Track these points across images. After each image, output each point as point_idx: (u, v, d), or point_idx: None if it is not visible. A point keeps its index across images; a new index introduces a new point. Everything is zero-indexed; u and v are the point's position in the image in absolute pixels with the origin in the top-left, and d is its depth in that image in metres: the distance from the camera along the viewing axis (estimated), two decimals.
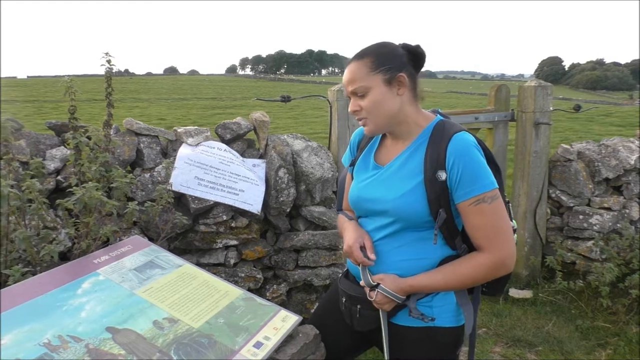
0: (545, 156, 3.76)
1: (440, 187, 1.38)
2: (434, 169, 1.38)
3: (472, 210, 1.36)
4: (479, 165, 1.35)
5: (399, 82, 1.43)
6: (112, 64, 2.04)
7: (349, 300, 1.58)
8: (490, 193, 1.35)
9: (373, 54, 1.43)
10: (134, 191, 2.47)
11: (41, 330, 1.25)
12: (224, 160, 2.65)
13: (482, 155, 1.39)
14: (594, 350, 2.96)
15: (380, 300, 1.47)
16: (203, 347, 1.31)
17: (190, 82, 56.49)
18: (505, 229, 1.38)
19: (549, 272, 3.76)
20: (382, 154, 1.57)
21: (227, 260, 2.72)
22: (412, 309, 1.46)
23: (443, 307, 1.48)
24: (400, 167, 1.47)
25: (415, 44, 1.47)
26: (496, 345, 3.04)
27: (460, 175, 1.35)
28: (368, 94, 1.42)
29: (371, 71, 1.41)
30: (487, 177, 1.35)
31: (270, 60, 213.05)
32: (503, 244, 1.37)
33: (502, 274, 1.41)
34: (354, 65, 1.44)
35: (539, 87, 3.64)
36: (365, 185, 1.55)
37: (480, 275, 1.40)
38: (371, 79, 1.41)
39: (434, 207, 1.39)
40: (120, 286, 1.50)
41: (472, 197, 1.35)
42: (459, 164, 1.35)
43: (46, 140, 2.48)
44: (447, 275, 1.41)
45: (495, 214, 1.36)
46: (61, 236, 2.09)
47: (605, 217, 3.62)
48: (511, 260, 1.39)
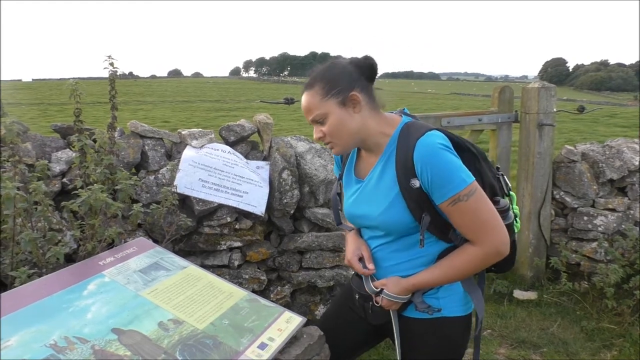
0: (549, 157, 3.75)
1: (417, 194, 1.39)
2: (407, 178, 1.39)
3: (451, 209, 1.38)
4: (447, 166, 1.35)
5: (353, 100, 1.43)
6: (115, 67, 2.05)
7: (361, 297, 1.63)
8: (465, 191, 1.34)
9: (322, 79, 1.44)
10: (139, 193, 2.48)
11: (48, 332, 1.26)
12: (228, 162, 2.66)
13: (450, 152, 1.38)
14: (599, 351, 2.95)
15: (386, 304, 1.52)
16: (208, 348, 1.32)
17: (194, 84, 56.62)
18: (490, 220, 1.38)
19: (553, 274, 3.75)
20: (361, 167, 1.61)
21: (231, 261, 2.73)
22: (417, 304, 1.51)
23: (449, 297, 1.52)
24: (377, 181, 1.50)
25: (362, 56, 1.48)
26: (501, 346, 3.04)
27: (430, 180, 1.36)
28: (327, 120, 1.44)
29: (323, 98, 1.42)
30: (457, 176, 1.35)
31: (274, 63, 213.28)
32: (489, 235, 1.38)
33: (498, 261, 1.42)
34: (307, 95, 1.45)
35: (542, 88, 3.63)
36: (352, 202, 1.59)
37: (477, 265, 1.42)
38: (325, 105, 1.42)
39: (416, 214, 1.41)
40: (125, 288, 1.51)
41: (447, 198, 1.36)
42: (427, 169, 1.35)
43: (52, 142, 2.50)
44: (444, 270, 1.44)
45: (474, 209, 1.36)
46: (66, 238, 2.10)
47: (610, 218, 3.61)
48: (504, 247, 1.39)
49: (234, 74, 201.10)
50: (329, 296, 2.96)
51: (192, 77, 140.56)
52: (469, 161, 1.43)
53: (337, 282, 2.90)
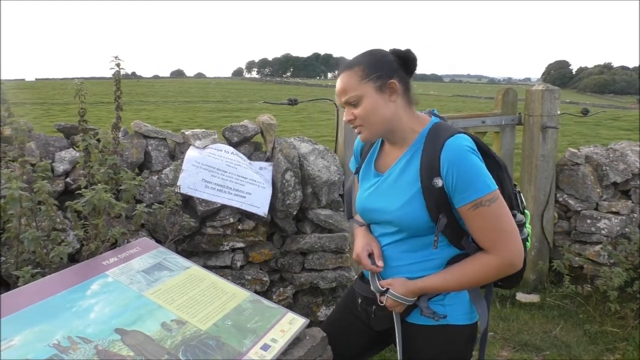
0: (552, 160, 3.75)
1: (438, 194, 1.38)
2: (430, 176, 1.38)
3: (472, 214, 1.36)
4: (474, 170, 1.34)
5: (390, 88, 1.43)
6: (121, 67, 2.05)
7: (364, 301, 1.62)
8: (488, 196, 1.34)
9: (362, 62, 1.44)
10: (142, 193, 2.48)
11: (51, 331, 1.26)
12: (231, 163, 2.66)
13: (478, 157, 1.38)
14: (602, 355, 2.94)
15: (391, 304, 1.49)
16: (211, 349, 1.32)
17: (197, 85, 56.70)
18: (508, 230, 1.37)
19: (556, 277, 3.74)
20: (382, 161, 1.59)
21: (234, 262, 2.73)
22: (423, 308, 1.48)
23: (455, 305, 1.49)
24: (398, 176, 1.48)
25: (405, 49, 1.48)
26: (503, 349, 3.03)
27: (455, 181, 1.34)
28: (361, 103, 1.43)
29: (362, 80, 1.42)
30: (483, 181, 1.34)
31: (277, 64, 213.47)
32: (507, 245, 1.36)
33: (511, 273, 1.40)
34: (345, 75, 1.45)
35: (546, 91, 3.63)
36: (367, 195, 1.56)
37: (489, 276, 1.40)
38: (362, 87, 1.42)
39: (434, 214, 1.39)
40: (128, 288, 1.51)
41: (469, 202, 1.35)
42: (453, 170, 1.34)
43: (55, 142, 2.50)
44: (455, 276, 1.42)
45: (495, 216, 1.35)
46: (70, 238, 2.11)
47: (613, 221, 3.60)
48: (518, 259, 1.38)
49: (237, 75, 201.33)
50: (332, 297, 2.96)
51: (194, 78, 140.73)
52: (492, 169, 1.42)
53: (340, 284, 2.90)
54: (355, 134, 1.54)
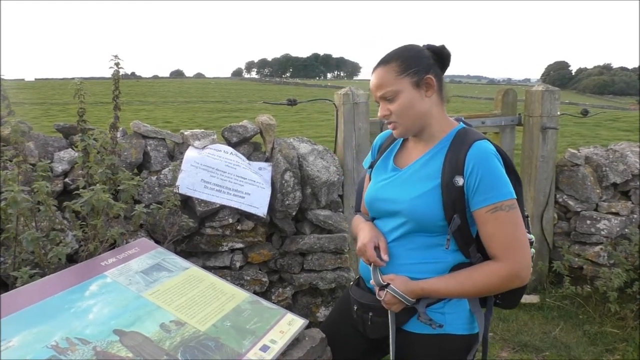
0: (552, 161, 3.74)
1: (456, 193, 1.37)
2: (451, 174, 1.37)
3: (489, 217, 1.35)
4: (498, 174, 1.35)
5: (427, 84, 1.43)
6: (120, 66, 2.05)
7: (360, 308, 1.58)
8: (508, 202, 1.34)
9: (399, 57, 1.43)
10: (141, 194, 2.47)
11: (49, 333, 1.25)
12: (230, 163, 2.65)
13: (502, 165, 1.38)
14: (602, 355, 2.94)
15: (389, 300, 1.45)
16: (210, 350, 1.31)
17: (197, 85, 56.69)
18: (522, 240, 1.36)
19: (556, 277, 3.74)
20: (402, 157, 1.58)
21: (233, 263, 2.72)
22: (421, 313, 1.44)
23: (455, 314, 1.46)
24: (418, 170, 1.47)
25: (440, 45, 1.47)
26: (503, 350, 3.03)
27: (478, 182, 1.34)
28: (397, 98, 1.43)
29: (398, 75, 1.41)
30: (505, 186, 1.35)
31: (276, 64, 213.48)
32: (518, 254, 1.35)
33: (516, 286, 1.38)
34: (381, 70, 1.44)
35: (546, 91, 3.62)
36: (382, 185, 1.55)
37: (494, 284, 1.38)
38: (399, 82, 1.42)
39: (448, 212, 1.38)
40: (127, 289, 1.50)
41: (489, 204, 1.34)
42: (478, 171, 1.34)
43: (54, 142, 2.50)
44: (460, 281, 1.39)
45: (512, 223, 1.34)
46: (68, 238, 2.10)
47: (613, 222, 3.60)
48: (526, 272, 1.37)
49: (236, 75, 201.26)
50: (331, 298, 2.96)
51: (194, 78, 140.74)
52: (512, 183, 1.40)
53: (339, 284, 2.89)
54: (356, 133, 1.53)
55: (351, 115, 3.07)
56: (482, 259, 1.43)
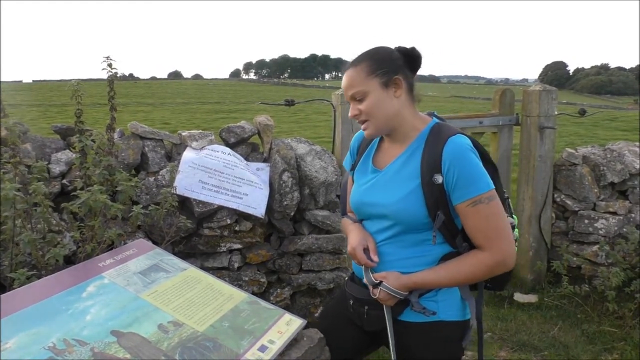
0: (550, 160, 3.75)
1: (437, 190, 1.41)
2: (430, 172, 1.41)
3: (470, 211, 1.39)
4: (475, 168, 1.39)
5: (395, 84, 1.47)
6: (113, 67, 2.04)
7: (356, 302, 1.63)
8: (487, 194, 1.38)
9: (369, 58, 1.47)
10: (139, 195, 2.47)
11: (46, 334, 1.25)
12: (228, 164, 2.65)
13: (477, 157, 1.42)
14: (601, 355, 2.94)
15: (383, 297, 1.50)
16: (208, 351, 1.31)
17: (194, 86, 56.64)
18: (504, 229, 1.41)
19: (554, 277, 3.74)
20: (380, 157, 1.61)
21: (231, 264, 2.72)
22: (413, 303, 1.50)
23: (447, 300, 1.51)
24: (397, 171, 1.51)
25: (410, 47, 1.51)
26: (501, 349, 3.03)
27: (456, 178, 1.38)
28: (366, 98, 1.46)
29: (368, 75, 1.45)
30: (482, 179, 1.39)
31: (274, 65, 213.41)
32: (502, 243, 1.40)
33: (502, 272, 1.44)
34: (351, 71, 1.48)
35: (543, 91, 3.63)
36: (365, 189, 1.58)
37: (481, 273, 1.44)
38: (368, 83, 1.45)
39: (432, 210, 1.42)
40: (125, 289, 1.50)
41: (468, 198, 1.38)
42: (455, 167, 1.38)
43: (52, 143, 2.49)
44: (448, 272, 1.45)
45: (492, 214, 1.39)
46: (66, 240, 2.10)
47: (611, 221, 3.61)
48: (511, 259, 1.42)
49: (234, 76, 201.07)
50: (329, 298, 2.95)
51: (192, 79, 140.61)
52: (489, 172, 1.44)
53: (337, 285, 2.89)
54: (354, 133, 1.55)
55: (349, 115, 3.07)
56: (468, 247, 1.48)
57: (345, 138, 3.09)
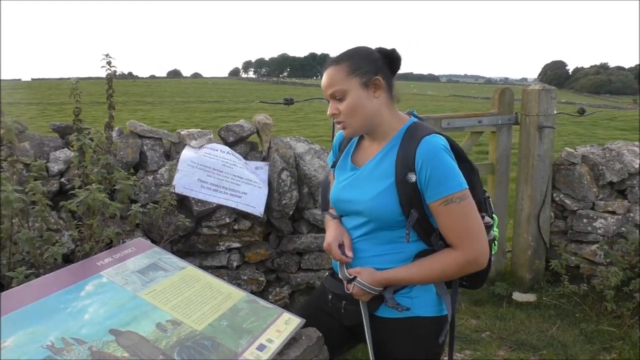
0: (549, 160, 3.75)
1: (410, 189, 1.42)
2: (404, 171, 1.43)
3: (442, 210, 1.41)
4: (447, 167, 1.40)
5: (375, 85, 1.48)
6: (112, 65, 2.04)
7: (334, 297, 1.66)
8: (459, 194, 1.39)
9: (349, 58, 1.48)
10: (137, 193, 2.47)
11: (44, 333, 1.24)
12: (227, 162, 2.65)
13: (451, 157, 1.43)
14: (599, 354, 2.95)
15: (357, 292, 1.53)
16: (206, 350, 1.31)
17: (194, 85, 56.58)
18: (476, 228, 1.42)
19: (552, 276, 3.74)
20: (359, 156, 1.63)
21: (230, 262, 2.72)
22: (387, 299, 1.52)
23: (422, 297, 1.53)
24: (373, 169, 1.53)
25: (390, 48, 1.52)
26: (500, 349, 3.03)
27: (428, 177, 1.39)
28: (346, 97, 1.47)
29: (348, 75, 1.46)
30: (455, 179, 1.40)
31: (273, 64, 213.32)
32: (473, 242, 1.42)
33: (474, 270, 1.46)
34: (331, 70, 1.49)
35: (543, 90, 3.63)
36: (342, 186, 1.61)
37: (453, 271, 1.46)
38: (348, 82, 1.46)
39: (405, 208, 1.44)
40: (123, 288, 1.50)
41: (440, 197, 1.40)
42: (427, 166, 1.39)
43: (50, 142, 2.49)
44: (421, 269, 1.47)
45: (464, 214, 1.41)
46: (64, 238, 2.09)
47: (610, 220, 3.61)
48: (483, 258, 1.44)
49: (233, 75, 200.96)
50: None
51: (191, 78, 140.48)
52: (466, 172, 1.46)
53: None
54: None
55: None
56: (443, 245, 1.49)
57: None
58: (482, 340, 3.10)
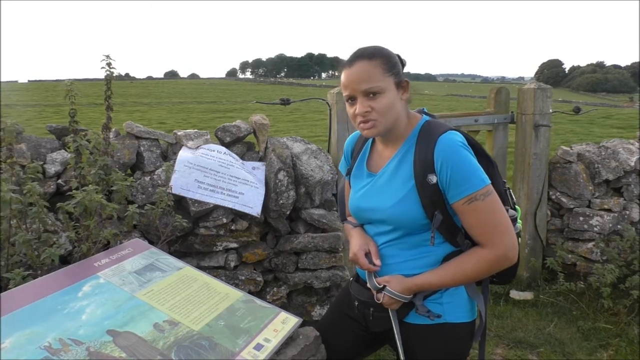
0: (545, 158, 3.76)
1: (432, 190, 1.39)
2: (424, 173, 1.39)
3: (466, 209, 1.37)
4: (468, 165, 1.36)
5: (404, 87, 1.46)
6: (112, 67, 2.04)
7: (361, 304, 1.61)
8: (482, 190, 1.35)
9: (382, 55, 1.43)
10: (134, 194, 2.47)
11: (42, 334, 1.25)
12: (224, 163, 2.65)
13: (470, 152, 1.39)
14: (596, 351, 2.96)
15: (387, 301, 1.49)
16: (204, 350, 1.32)
17: (191, 86, 56.51)
18: (503, 223, 1.38)
19: (549, 274, 3.76)
20: (374, 161, 1.60)
21: (228, 263, 2.72)
22: (418, 307, 1.48)
23: (453, 302, 1.49)
24: (392, 174, 1.49)
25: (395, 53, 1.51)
26: (497, 346, 3.04)
27: (450, 177, 1.36)
28: (382, 96, 1.41)
29: (384, 72, 1.41)
30: (477, 176, 1.36)
31: (271, 64, 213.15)
32: (502, 238, 1.38)
33: (505, 267, 1.41)
34: (366, 64, 1.41)
35: (538, 89, 3.64)
36: (361, 195, 1.57)
37: (485, 270, 1.41)
38: (386, 80, 1.41)
39: (429, 211, 1.40)
40: (120, 289, 1.50)
41: (464, 196, 1.36)
42: (448, 166, 1.35)
43: (47, 144, 2.49)
44: (451, 271, 1.42)
45: (490, 210, 1.37)
46: (62, 239, 2.09)
47: (606, 218, 3.62)
48: (513, 252, 1.39)
49: (231, 75, 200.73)
50: (326, 297, 2.96)
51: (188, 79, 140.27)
52: (485, 166, 1.43)
53: (334, 283, 2.90)
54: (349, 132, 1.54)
55: (344, 114, 3.07)
56: (470, 245, 1.45)
57: (341, 137, 3.09)
58: None
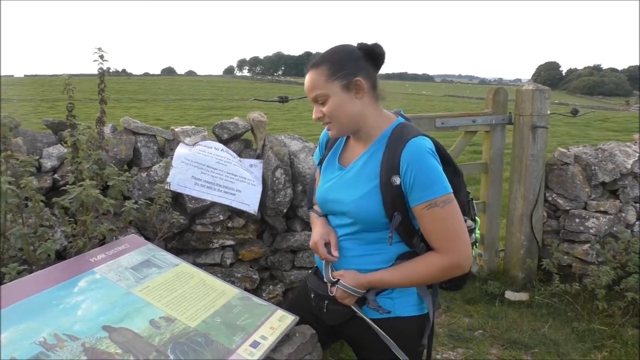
0: (542, 160, 3.77)
1: (395, 192, 1.42)
2: (389, 173, 1.42)
3: (426, 214, 1.40)
4: (432, 171, 1.38)
5: (356, 86, 1.46)
6: (104, 59, 2.02)
7: (317, 297, 1.67)
8: (443, 197, 1.38)
9: (328, 61, 1.46)
10: (131, 190, 2.46)
11: (37, 329, 1.24)
12: (221, 160, 2.64)
13: (437, 160, 1.42)
14: (590, 352, 2.97)
15: (341, 295, 1.54)
16: (200, 346, 1.31)
17: (188, 82, 56.37)
18: (459, 233, 1.41)
19: (545, 275, 3.77)
20: (346, 155, 1.63)
21: (224, 260, 2.72)
22: (370, 301, 1.53)
23: (403, 297, 1.55)
24: (359, 170, 1.52)
25: (372, 43, 1.49)
26: (492, 347, 3.05)
27: (413, 180, 1.38)
28: (328, 101, 1.46)
29: (328, 79, 1.44)
30: (439, 183, 1.38)
31: (268, 62, 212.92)
32: (457, 247, 1.41)
33: (457, 275, 1.45)
34: (312, 73, 1.47)
35: (536, 90, 3.65)
36: (329, 186, 1.60)
37: (436, 275, 1.45)
38: (329, 86, 1.45)
39: (389, 210, 1.44)
40: (116, 285, 1.49)
41: (424, 201, 1.39)
42: (412, 169, 1.38)
43: (43, 138, 2.48)
44: (404, 273, 1.47)
45: (448, 218, 1.39)
46: (57, 234, 2.08)
47: (602, 220, 3.63)
48: (466, 262, 1.43)
49: (228, 73, 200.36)
50: None
51: (185, 76, 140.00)
52: (450, 175, 1.46)
53: None
54: None
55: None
56: (425, 248, 1.48)
57: None
58: (474, 338, 3.12)
